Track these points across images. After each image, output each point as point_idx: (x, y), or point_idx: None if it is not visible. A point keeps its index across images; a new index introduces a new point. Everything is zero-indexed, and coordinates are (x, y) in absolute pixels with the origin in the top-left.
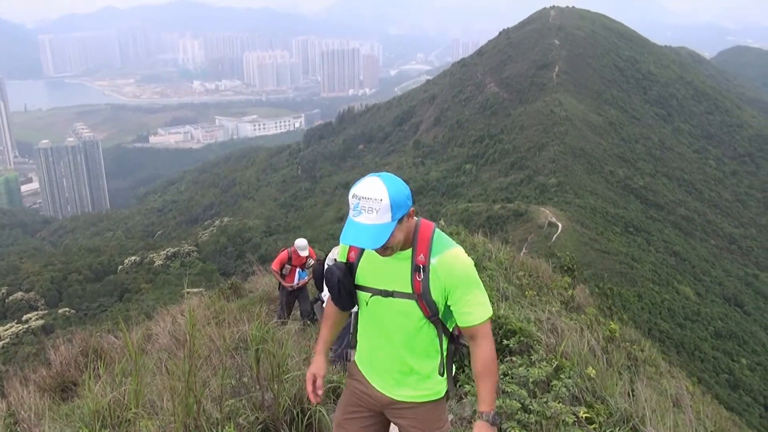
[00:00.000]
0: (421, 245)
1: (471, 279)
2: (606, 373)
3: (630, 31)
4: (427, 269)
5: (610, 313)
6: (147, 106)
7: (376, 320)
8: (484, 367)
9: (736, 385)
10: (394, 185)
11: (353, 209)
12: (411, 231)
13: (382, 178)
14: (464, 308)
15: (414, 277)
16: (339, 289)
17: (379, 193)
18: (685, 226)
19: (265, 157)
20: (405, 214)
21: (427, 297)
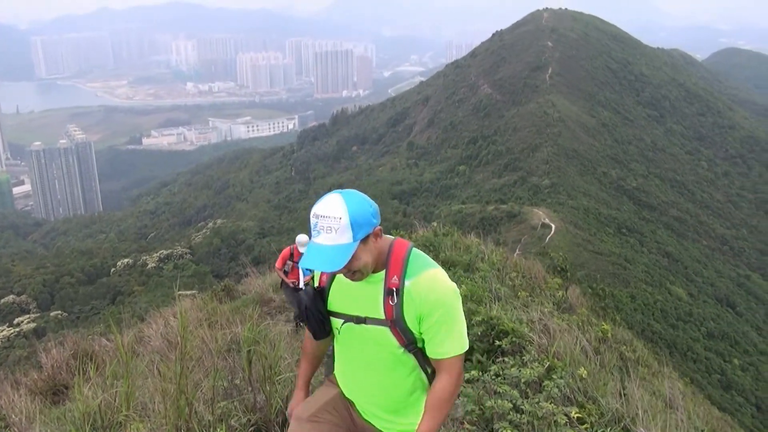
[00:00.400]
0: (394, 267)
1: (448, 306)
2: (598, 374)
3: (622, 33)
4: (400, 293)
5: (602, 314)
6: (140, 107)
7: (351, 349)
8: (436, 401)
9: (728, 386)
10: (355, 202)
11: (313, 229)
12: (383, 252)
13: (343, 195)
14: (435, 337)
15: (386, 302)
16: (307, 317)
17: (338, 210)
18: (678, 227)
19: (259, 159)
20: (369, 234)
21: (400, 324)
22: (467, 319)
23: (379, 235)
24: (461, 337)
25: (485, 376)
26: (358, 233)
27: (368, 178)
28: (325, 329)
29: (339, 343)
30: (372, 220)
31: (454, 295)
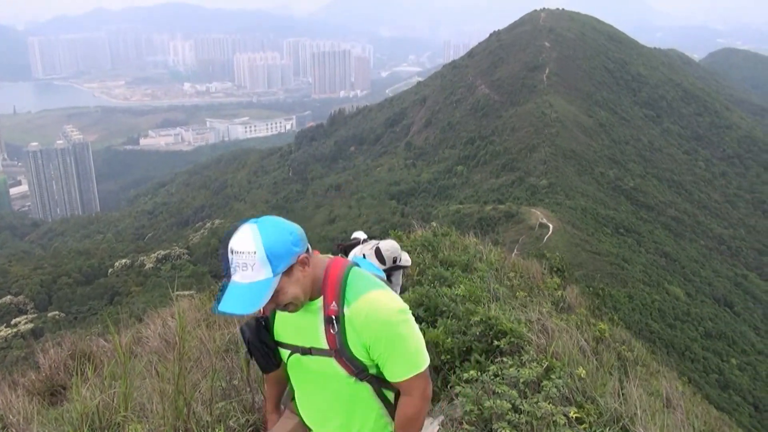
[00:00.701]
0: (331, 292)
1: (394, 328)
2: (596, 374)
3: (619, 33)
4: (340, 321)
5: (600, 314)
6: (137, 108)
7: (304, 380)
8: (402, 424)
9: (726, 385)
10: (271, 232)
11: (231, 266)
12: (317, 278)
13: (258, 225)
14: (388, 363)
15: (327, 331)
16: (250, 350)
17: (251, 244)
18: (675, 227)
19: (256, 159)
20: (291, 265)
21: (345, 353)
22: (466, 319)
23: (306, 263)
24: (416, 356)
25: (484, 377)
26: (278, 266)
27: (366, 178)
28: (272, 361)
29: (291, 374)
30: (293, 249)
31: (399, 315)
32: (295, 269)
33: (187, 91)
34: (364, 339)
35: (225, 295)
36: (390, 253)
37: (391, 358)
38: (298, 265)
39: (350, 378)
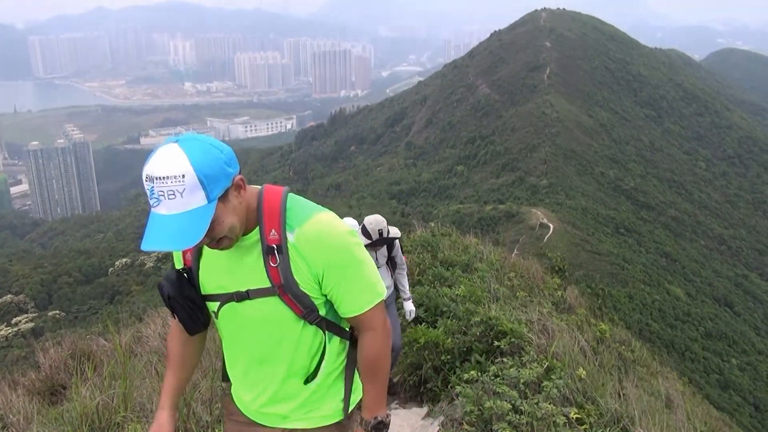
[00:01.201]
0: (270, 219)
1: (348, 253)
2: (596, 374)
3: (620, 34)
4: (283, 249)
5: (600, 314)
6: (138, 107)
7: (238, 335)
8: (368, 365)
9: (726, 385)
10: (199, 150)
11: (150, 197)
12: (252, 206)
13: (181, 143)
14: (343, 294)
15: (267, 265)
16: (173, 307)
17: (179, 166)
18: (676, 227)
19: (257, 159)
20: (228, 188)
21: (292, 288)
22: (466, 320)
23: (242, 187)
24: (374, 284)
25: (484, 377)
26: (213, 189)
27: (366, 178)
28: (199, 319)
29: (222, 332)
30: (227, 169)
31: (351, 237)
32: (231, 194)
33: (188, 90)
34: (314, 268)
35: (150, 230)
36: (374, 225)
37: (349, 287)
38: (234, 189)
39: (298, 321)
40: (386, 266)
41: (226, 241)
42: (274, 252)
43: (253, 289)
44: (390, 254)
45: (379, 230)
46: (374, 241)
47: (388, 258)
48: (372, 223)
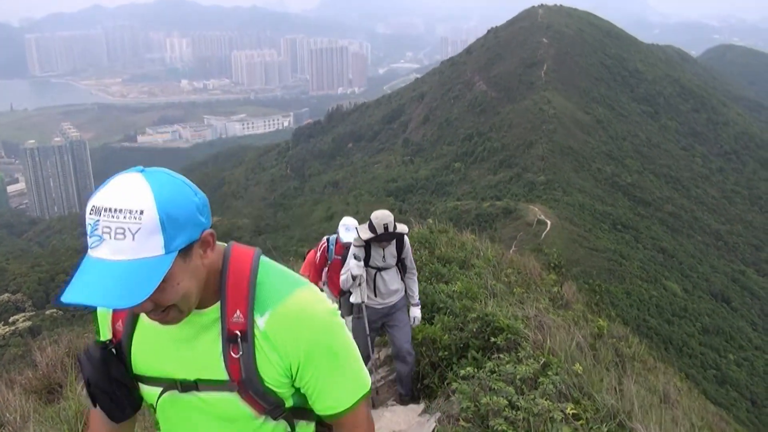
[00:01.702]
0: (235, 295)
1: (331, 341)
2: (593, 370)
3: (617, 30)
4: (249, 337)
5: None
6: (134, 105)
7: (181, 429)
8: None
9: (724, 381)
10: (168, 185)
11: (90, 235)
12: (214, 271)
13: (148, 174)
14: (323, 389)
15: (228, 355)
16: (92, 393)
17: (137, 198)
18: (673, 222)
19: (254, 156)
20: (193, 241)
21: (255, 386)
22: (463, 316)
23: (210, 245)
24: (360, 375)
25: (480, 373)
26: (176, 238)
27: (364, 175)
28: (128, 405)
29: (161, 425)
30: (198, 217)
31: (334, 319)
32: (195, 251)
33: (185, 88)
34: (288, 360)
35: (80, 277)
36: (379, 220)
37: (331, 382)
38: (200, 245)
39: (258, 419)
40: (396, 268)
41: (174, 312)
42: (236, 340)
43: (204, 379)
44: (400, 255)
45: (384, 224)
46: (379, 235)
47: (398, 259)
48: (378, 218)
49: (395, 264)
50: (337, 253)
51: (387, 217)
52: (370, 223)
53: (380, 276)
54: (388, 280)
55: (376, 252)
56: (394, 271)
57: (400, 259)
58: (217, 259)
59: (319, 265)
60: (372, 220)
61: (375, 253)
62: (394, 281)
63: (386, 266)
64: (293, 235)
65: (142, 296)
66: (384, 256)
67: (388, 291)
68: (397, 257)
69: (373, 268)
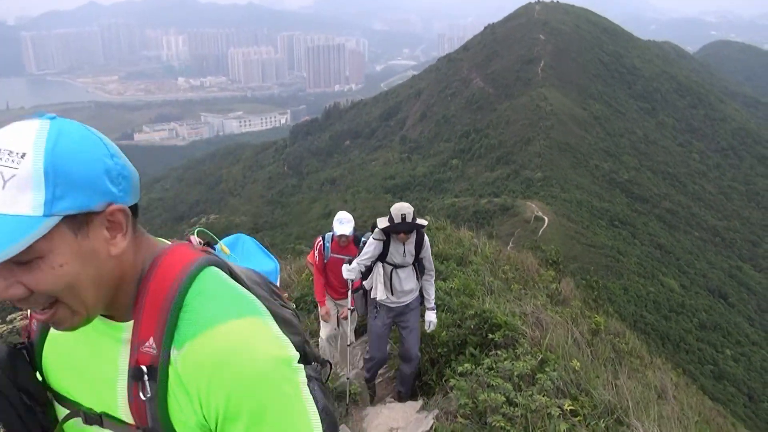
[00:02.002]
0: (150, 314)
1: (264, 401)
2: (590, 366)
3: (614, 26)
4: (159, 375)
5: (595, 306)
6: (131, 103)
7: None
8: None
9: (721, 376)
10: (73, 136)
11: None
12: (133, 276)
13: (55, 121)
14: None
15: (132, 392)
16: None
17: (24, 140)
18: (670, 219)
19: (251, 154)
20: (91, 211)
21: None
22: (460, 313)
23: (122, 229)
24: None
25: (478, 370)
26: (63, 200)
27: (361, 172)
28: (38, 427)
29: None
30: (106, 183)
31: (275, 368)
32: (95, 228)
33: (181, 85)
34: (209, 410)
35: None
36: (396, 210)
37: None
38: (103, 221)
39: None
40: (413, 267)
41: (63, 311)
42: (143, 377)
43: (108, 415)
44: (418, 254)
45: (402, 215)
46: (396, 224)
47: (415, 258)
48: (396, 208)
49: (413, 263)
50: (333, 251)
51: (406, 208)
52: (389, 215)
53: (396, 273)
54: (404, 278)
55: (395, 248)
56: (410, 270)
57: (418, 258)
58: (142, 259)
59: (319, 265)
60: (391, 211)
61: (394, 249)
62: (409, 280)
63: (403, 264)
64: (291, 233)
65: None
66: (404, 252)
67: (402, 290)
68: (415, 255)
69: (390, 265)
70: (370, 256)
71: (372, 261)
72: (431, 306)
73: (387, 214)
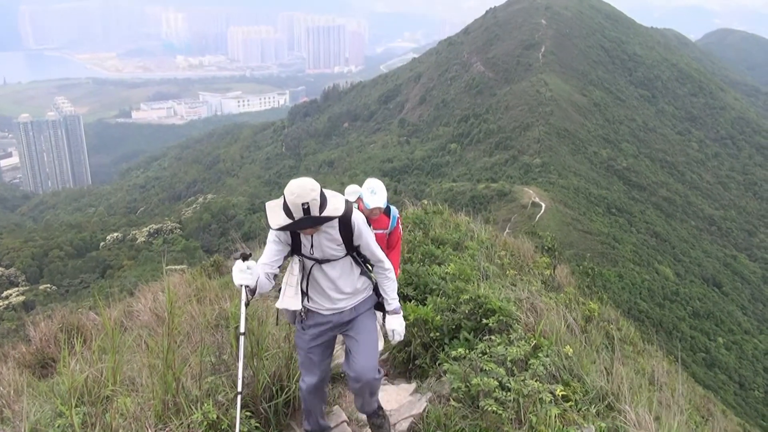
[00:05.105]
0: None
1: None
2: (583, 352)
3: (617, 12)
4: None
5: (590, 293)
6: (130, 80)
7: None
8: None
9: (713, 364)
10: None
11: None
12: None
13: None
14: None
15: None
16: None
17: None
18: (667, 207)
19: (249, 134)
20: None
21: None
22: (455, 297)
23: None
24: None
25: (472, 354)
26: None
27: (359, 155)
28: None
29: None
30: None
31: None
32: None
33: (180, 64)
34: None
35: None
36: (295, 197)
37: None
38: None
39: None
40: (351, 259)
41: None
42: None
43: None
44: (350, 243)
45: (303, 204)
46: (293, 223)
47: (349, 247)
48: (292, 192)
49: (347, 254)
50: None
51: (308, 191)
52: (283, 201)
53: (321, 270)
54: (335, 276)
55: (308, 240)
56: (345, 264)
57: (354, 248)
58: None
59: None
60: (285, 196)
61: (307, 241)
62: (347, 278)
63: (330, 257)
64: None
65: None
66: (323, 243)
67: (338, 290)
68: (345, 245)
69: (310, 259)
70: (272, 260)
71: (280, 263)
72: (392, 308)
73: None
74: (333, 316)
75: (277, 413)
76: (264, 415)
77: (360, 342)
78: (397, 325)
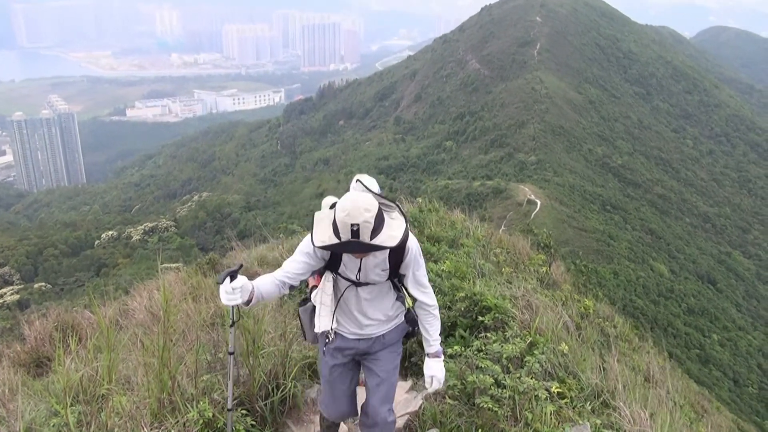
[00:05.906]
0: None
1: None
2: (579, 349)
3: (612, 10)
4: None
5: (585, 290)
6: (124, 78)
7: None
8: None
9: (707, 360)
10: None
11: None
12: None
13: None
14: None
15: None
16: None
17: None
18: (662, 204)
19: (245, 132)
20: None
21: None
22: (451, 295)
23: None
24: None
25: (467, 352)
26: None
27: (355, 152)
28: None
29: None
30: None
31: None
32: None
33: (175, 62)
34: None
35: None
36: (346, 215)
37: None
38: None
39: None
40: (390, 285)
41: None
42: None
43: None
44: (396, 270)
45: (352, 227)
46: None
47: (392, 274)
48: (343, 210)
49: (387, 279)
50: None
51: (362, 211)
52: (333, 218)
53: (355, 292)
54: (367, 300)
55: (352, 260)
56: (383, 289)
57: (398, 275)
58: None
59: None
60: (335, 214)
61: (350, 261)
62: (379, 303)
63: (369, 281)
64: (284, 212)
65: None
66: (363, 266)
67: (366, 316)
68: (390, 271)
69: (346, 280)
70: (297, 274)
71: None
72: (433, 351)
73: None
74: (358, 342)
75: (273, 411)
76: (260, 414)
77: (381, 379)
78: (437, 371)
